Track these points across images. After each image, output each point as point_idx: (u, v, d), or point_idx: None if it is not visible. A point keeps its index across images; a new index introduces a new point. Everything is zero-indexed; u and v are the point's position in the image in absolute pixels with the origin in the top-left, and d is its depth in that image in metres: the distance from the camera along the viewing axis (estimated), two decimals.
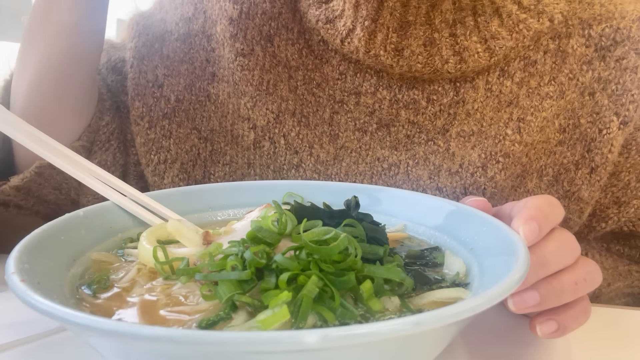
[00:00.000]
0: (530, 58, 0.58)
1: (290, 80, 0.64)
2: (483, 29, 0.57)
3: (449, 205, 0.49)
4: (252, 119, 0.63)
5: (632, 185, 0.60)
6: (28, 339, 0.45)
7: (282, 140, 0.62)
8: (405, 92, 0.60)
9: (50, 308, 0.28)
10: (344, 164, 0.62)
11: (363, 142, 0.62)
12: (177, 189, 0.57)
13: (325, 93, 0.63)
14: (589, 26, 0.57)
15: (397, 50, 0.58)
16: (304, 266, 0.35)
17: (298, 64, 0.64)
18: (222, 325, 0.33)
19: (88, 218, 0.46)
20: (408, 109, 0.61)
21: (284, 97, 0.63)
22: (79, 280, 0.41)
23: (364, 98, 0.62)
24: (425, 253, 0.46)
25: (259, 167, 0.64)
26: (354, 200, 0.48)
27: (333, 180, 0.62)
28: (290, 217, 0.41)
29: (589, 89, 0.58)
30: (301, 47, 0.64)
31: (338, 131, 0.62)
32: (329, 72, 0.63)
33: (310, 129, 0.63)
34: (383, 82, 0.61)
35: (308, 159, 0.62)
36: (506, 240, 0.39)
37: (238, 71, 0.64)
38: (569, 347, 0.46)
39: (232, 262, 0.36)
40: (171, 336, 0.25)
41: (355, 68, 0.62)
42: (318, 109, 0.63)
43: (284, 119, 0.63)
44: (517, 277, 0.32)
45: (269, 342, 0.25)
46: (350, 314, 0.33)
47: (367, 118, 0.62)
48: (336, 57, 0.63)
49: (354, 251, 0.37)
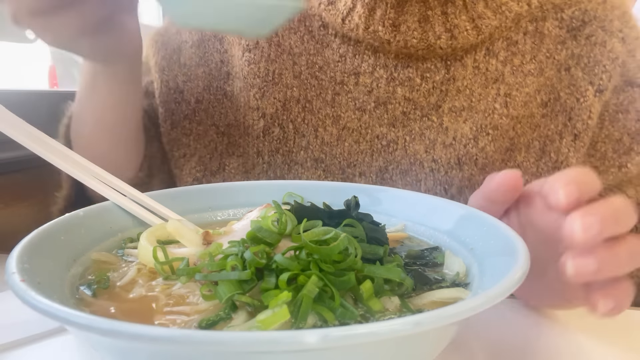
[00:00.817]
0: (512, 39, 0.64)
1: (294, 66, 0.69)
2: (470, 9, 0.62)
3: (449, 205, 0.49)
4: (261, 108, 0.69)
5: (609, 155, 0.65)
6: (28, 339, 0.45)
7: (291, 125, 0.68)
8: (401, 70, 0.65)
9: (50, 308, 0.28)
10: (346, 144, 0.67)
11: (363, 121, 0.67)
12: (177, 189, 0.57)
13: (327, 75, 0.68)
14: (561, 10, 0.64)
15: (394, 26, 0.63)
16: (303, 266, 0.35)
17: (300, 50, 0.69)
18: (222, 325, 0.34)
19: (88, 218, 0.46)
20: (404, 86, 0.65)
21: (289, 84, 0.68)
22: (79, 280, 0.41)
23: (362, 78, 0.66)
24: (425, 253, 0.46)
25: (267, 154, 0.69)
26: (354, 200, 0.49)
27: (338, 160, 0.67)
28: (290, 217, 0.41)
29: (564, 65, 0.64)
30: (302, 34, 0.69)
31: (340, 112, 0.67)
32: (330, 55, 0.68)
33: (314, 113, 0.68)
34: (380, 62, 0.66)
35: (314, 141, 0.68)
36: (506, 240, 0.39)
37: (246, 66, 0.69)
38: (569, 346, 0.46)
39: (232, 262, 0.36)
40: (171, 336, 0.25)
41: (354, 50, 0.66)
42: (321, 91, 0.68)
43: (289, 107, 0.68)
44: (517, 277, 0.32)
45: (268, 342, 0.25)
46: (350, 314, 0.33)
47: (366, 97, 0.67)
48: (336, 40, 0.67)
49: (354, 251, 0.37)
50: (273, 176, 0.70)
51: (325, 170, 0.69)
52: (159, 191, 0.55)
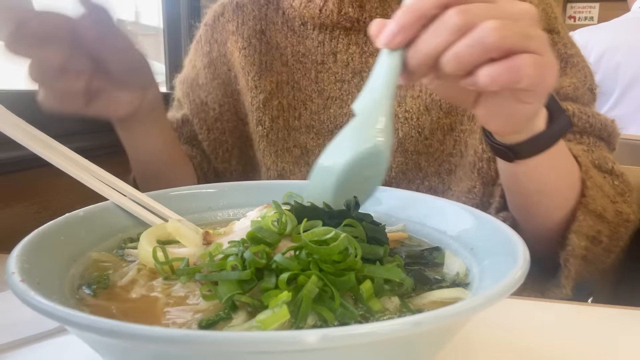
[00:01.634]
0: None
1: (282, 57, 0.85)
2: None
3: (449, 205, 0.49)
4: (259, 86, 0.85)
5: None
6: (28, 339, 0.45)
7: (285, 101, 0.84)
8: (370, 45, 0.80)
9: (50, 308, 0.28)
10: (331, 111, 0.82)
11: (343, 90, 0.82)
12: (177, 189, 0.57)
13: (309, 59, 0.84)
14: None
15: (361, 6, 0.79)
16: (303, 266, 0.35)
17: (285, 44, 0.86)
18: (222, 325, 0.33)
19: (88, 218, 0.46)
20: (374, 56, 0.79)
21: (279, 71, 0.85)
22: (79, 280, 0.41)
23: (339, 55, 0.82)
24: (425, 253, 0.46)
25: (269, 121, 0.84)
26: (354, 201, 0.48)
27: (326, 124, 0.82)
28: (290, 217, 0.41)
29: None
30: (286, 32, 0.86)
31: (323, 86, 0.83)
32: (310, 43, 0.84)
33: (301, 91, 0.84)
34: (352, 40, 0.81)
35: (305, 112, 0.84)
36: (506, 240, 0.39)
37: (243, 60, 0.87)
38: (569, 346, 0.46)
39: (232, 262, 0.36)
40: (171, 336, 0.25)
41: (330, 35, 0.82)
42: (305, 72, 0.84)
43: (281, 87, 0.85)
44: (517, 276, 0.32)
45: (268, 342, 0.25)
46: (350, 314, 0.33)
47: (344, 70, 0.82)
48: (314, 32, 0.84)
49: (354, 251, 0.37)
50: (275, 139, 0.84)
51: (317, 134, 0.83)
52: (158, 191, 0.55)
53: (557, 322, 0.51)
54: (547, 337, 0.47)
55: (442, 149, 0.78)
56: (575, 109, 0.73)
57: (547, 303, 0.55)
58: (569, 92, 0.75)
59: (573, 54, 0.78)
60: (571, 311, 0.54)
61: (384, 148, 0.45)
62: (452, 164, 0.79)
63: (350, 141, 0.45)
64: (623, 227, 0.68)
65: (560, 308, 0.54)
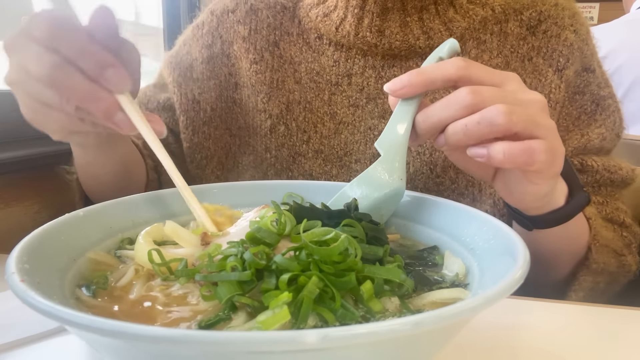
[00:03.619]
0: (481, 39, 0.75)
1: (295, 73, 0.79)
2: (442, 15, 0.73)
3: (449, 205, 0.49)
4: (267, 110, 0.79)
5: (571, 128, 0.75)
6: (28, 339, 0.45)
7: (294, 124, 0.78)
8: (387, 69, 0.76)
9: (50, 308, 0.28)
10: (342, 137, 0.77)
11: (356, 116, 0.77)
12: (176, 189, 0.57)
13: (324, 79, 0.78)
14: (520, 12, 0.75)
15: (380, 31, 0.73)
16: (304, 267, 0.35)
17: (300, 59, 0.80)
18: (221, 326, 0.33)
19: (88, 218, 0.46)
20: None
21: (291, 89, 0.79)
22: (78, 280, 0.41)
23: (354, 78, 0.77)
24: (424, 254, 0.46)
25: (275, 149, 0.79)
26: (354, 203, 0.48)
27: (335, 150, 0.77)
28: (289, 218, 0.41)
29: (527, 56, 0.75)
30: (301, 45, 0.80)
31: (336, 109, 0.78)
32: (325, 61, 0.78)
33: (313, 112, 0.78)
34: (369, 63, 0.76)
35: (314, 136, 0.78)
36: (506, 240, 0.39)
37: (253, 76, 0.80)
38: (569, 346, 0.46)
39: (232, 263, 0.36)
40: (171, 336, 0.25)
41: (346, 55, 0.77)
42: (319, 93, 0.78)
43: (292, 108, 0.78)
44: (517, 276, 0.32)
45: (268, 342, 0.25)
46: (351, 315, 0.33)
47: (358, 94, 0.77)
48: (330, 48, 0.78)
49: (354, 251, 0.37)
50: (280, 167, 0.78)
51: (325, 160, 0.78)
52: (159, 191, 0.55)
53: (557, 322, 0.51)
54: (546, 337, 0.47)
55: (454, 188, 0.75)
56: (599, 165, 0.74)
57: (547, 303, 0.55)
58: (595, 144, 0.74)
59: (605, 96, 0.77)
60: (571, 311, 0.54)
61: (403, 187, 0.50)
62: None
63: (378, 182, 0.50)
64: (623, 277, 0.73)
65: (560, 308, 0.54)
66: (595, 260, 0.66)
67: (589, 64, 0.76)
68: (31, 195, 0.95)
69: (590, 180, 0.75)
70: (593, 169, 0.74)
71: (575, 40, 0.75)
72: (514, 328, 0.49)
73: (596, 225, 0.67)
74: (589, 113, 0.76)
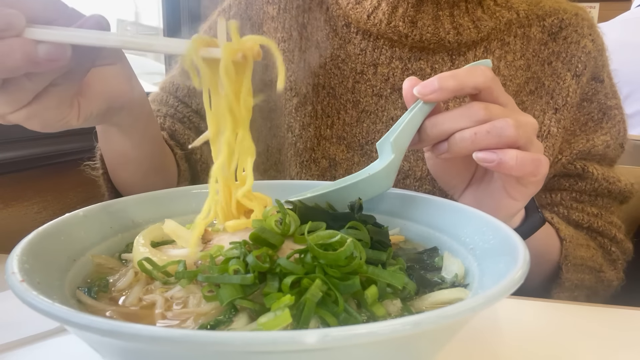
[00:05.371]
0: (505, 40, 0.78)
1: (320, 57, 0.80)
2: (471, 13, 0.76)
3: (450, 204, 0.49)
4: (294, 88, 0.79)
5: (577, 133, 0.79)
6: (28, 339, 0.45)
7: (319, 106, 0.79)
8: (414, 62, 0.77)
9: (50, 308, 0.28)
10: (364, 125, 0.78)
11: (379, 105, 0.78)
12: (177, 189, 0.57)
13: (348, 66, 0.79)
14: (543, 19, 0.79)
15: (413, 22, 0.74)
16: (308, 269, 0.35)
17: (326, 45, 0.80)
18: (222, 328, 0.33)
19: (88, 218, 0.46)
20: (416, 75, 0.75)
21: (316, 72, 0.80)
22: (79, 281, 0.40)
23: (380, 68, 0.77)
24: (424, 256, 0.46)
25: (299, 129, 0.79)
26: (359, 203, 0.48)
27: (357, 138, 0.78)
28: (294, 218, 0.41)
29: (547, 60, 0.78)
30: (328, 32, 0.80)
31: (359, 97, 0.78)
32: (351, 49, 0.79)
33: (336, 98, 0.79)
34: (396, 55, 0.77)
35: (337, 122, 0.79)
36: (506, 240, 0.39)
37: (281, 54, 0.74)
38: (569, 346, 0.46)
39: (234, 266, 0.35)
40: (171, 336, 0.25)
41: (374, 45, 0.78)
42: (342, 80, 0.79)
43: (317, 90, 0.80)
44: (517, 276, 0.32)
45: (268, 342, 0.25)
46: (354, 319, 0.33)
47: (383, 84, 0.78)
48: (357, 37, 0.79)
49: (359, 255, 0.36)
50: (302, 148, 0.79)
51: (347, 147, 0.79)
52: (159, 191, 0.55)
53: (556, 322, 0.51)
54: (546, 337, 0.47)
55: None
56: (599, 174, 0.76)
57: (547, 303, 0.55)
58: (599, 150, 0.77)
59: (612, 106, 0.79)
60: (571, 311, 0.54)
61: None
62: None
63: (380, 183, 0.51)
64: (603, 290, 0.75)
65: (560, 308, 0.54)
66: (568, 278, 0.69)
67: (599, 74, 0.79)
68: (31, 195, 0.96)
69: (588, 188, 0.77)
70: (593, 176, 0.76)
71: (592, 49, 0.78)
72: (514, 328, 0.49)
73: (569, 247, 0.70)
74: (595, 120, 0.79)
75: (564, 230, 0.71)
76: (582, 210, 0.77)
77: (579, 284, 0.71)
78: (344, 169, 0.78)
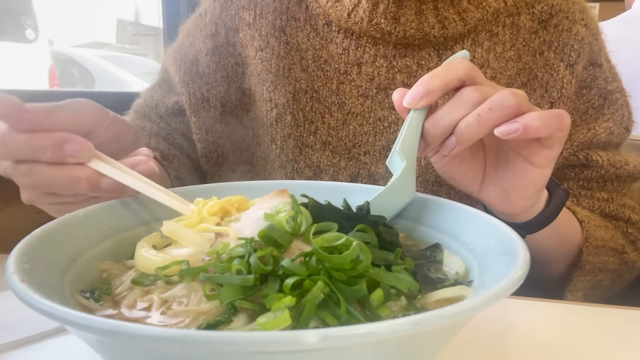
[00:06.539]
0: (494, 31, 0.74)
1: (302, 60, 0.77)
2: (457, 4, 0.72)
3: (449, 204, 0.49)
4: (273, 99, 0.76)
5: (578, 122, 0.76)
6: (28, 339, 0.45)
7: (300, 114, 0.76)
8: (399, 59, 0.73)
9: (50, 308, 0.28)
10: (350, 128, 0.75)
11: (366, 106, 0.75)
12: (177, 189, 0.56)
13: (332, 67, 0.75)
14: (532, 6, 0.75)
15: (395, 18, 0.71)
16: (312, 272, 0.34)
17: (307, 46, 0.77)
18: (222, 328, 0.33)
19: (88, 218, 0.46)
20: (402, 73, 0.74)
21: (298, 77, 0.76)
22: (81, 284, 0.40)
23: (364, 67, 0.74)
24: (427, 253, 0.46)
25: (280, 140, 0.77)
26: (367, 206, 0.48)
27: (344, 142, 0.75)
28: (306, 216, 0.40)
29: (538, 50, 0.75)
30: (308, 32, 0.77)
31: (344, 99, 0.75)
32: (334, 49, 0.76)
33: (320, 102, 0.76)
34: (380, 52, 0.74)
35: (322, 127, 0.76)
36: (506, 240, 0.39)
37: (259, 64, 0.77)
38: (569, 346, 0.46)
39: (237, 266, 0.35)
40: (171, 336, 0.25)
41: (356, 43, 0.74)
42: (326, 82, 0.76)
43: (299, 97, 0.76)
44: (517, 276, 0.32)
45: (268, 342, 0.25)
46: (356, 321, 0.33)
47: (368, 84, 0.74)
48: (339, 35, 0.75)
49: (364, 258, 0.36)
50: (285, 159, 0.76)
51: (333, 152, 0.75)
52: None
53: (556, 322, 0.51)
54: (546, 337, 0.47)
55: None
56: (604, 161, 0.74)
57: (547, 303, 0.55)
58: (602, 138, 0.74)
59: (613, 90, 0.77)
60: (571, 311, 0.54)
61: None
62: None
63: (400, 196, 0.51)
64: (628, 273, 0.72)
65: (560, 308, 0.54)
66: (589, 261, 0.66)
67: (596, 58, 0.76)
68: None
69: (595, 175, 0.74)
70: (598, 164, 0.73)
71: (585, 35, 0.75)
72: (514, 328, 0.49)
73: (589, 228, 0.67)
74: (596, 107, 0.76)
75: (580, 212, 0.69)
76: (592, 197, 0.75)
77: (602, 267, 0.68)
78: (330, 175, 0.76)
